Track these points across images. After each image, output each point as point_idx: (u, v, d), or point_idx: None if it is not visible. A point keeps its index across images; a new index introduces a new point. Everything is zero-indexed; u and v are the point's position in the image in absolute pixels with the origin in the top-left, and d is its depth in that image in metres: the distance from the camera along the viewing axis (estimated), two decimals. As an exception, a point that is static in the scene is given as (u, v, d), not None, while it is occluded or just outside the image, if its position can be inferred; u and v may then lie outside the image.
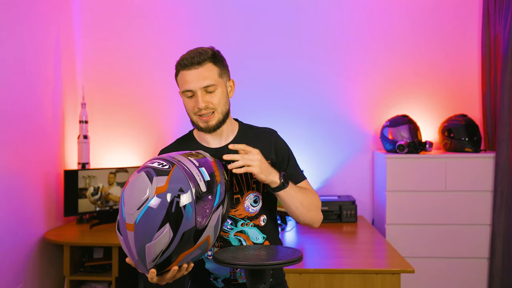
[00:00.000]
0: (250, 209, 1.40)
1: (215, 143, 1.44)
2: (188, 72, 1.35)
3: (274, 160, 1.43)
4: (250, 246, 1.35)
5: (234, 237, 1.40)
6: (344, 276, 2.11)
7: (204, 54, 1.36)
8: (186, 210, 1.08)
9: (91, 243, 2.76)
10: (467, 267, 2.93)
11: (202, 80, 1.34)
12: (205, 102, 1.35)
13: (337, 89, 3.35)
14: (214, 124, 1.37)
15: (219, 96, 1.37)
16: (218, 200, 1.16)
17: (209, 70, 1.35)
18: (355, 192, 3.32)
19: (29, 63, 2.80)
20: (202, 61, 1.35)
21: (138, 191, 1.10)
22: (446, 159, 2.92)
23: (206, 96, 1.35)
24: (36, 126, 2.85)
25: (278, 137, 1.49)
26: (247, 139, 1.44)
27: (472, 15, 3.25)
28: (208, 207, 1.13)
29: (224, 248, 1.36)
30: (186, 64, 1.35)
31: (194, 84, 1.34)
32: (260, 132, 1.49)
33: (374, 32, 3.32)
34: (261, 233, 1.42)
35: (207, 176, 1.16)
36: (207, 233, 1.13)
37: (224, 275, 1.41)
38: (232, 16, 3.38)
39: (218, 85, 1.37)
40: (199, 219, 1.10)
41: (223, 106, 1.38)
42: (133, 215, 1.08)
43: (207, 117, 1.36)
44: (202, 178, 1.15)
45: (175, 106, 3.43)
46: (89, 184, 3.05)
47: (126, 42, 3.43)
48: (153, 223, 1.06)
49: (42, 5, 2.92)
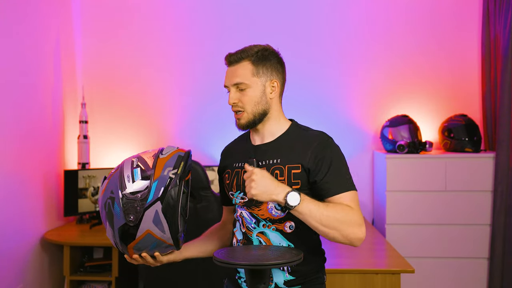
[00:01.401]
0: (274, 212, 1.35)
1: (258, 140, 1.45)
2: (228, 69, 1.40)
3: (306, 166, 1.33)
4: (250, 246, 1.34)
5: (256, 237, 1.37)
6: (344, 276, 2.11)
7: (245, 52, 1.37)
8: (114, 210, 1.26)
9: (91, 243, 2.76)
10: (467, 267, 2.93)
11: (234, 77, 1.36)
12: (233, 99, 1.37)
13: (337, 89, 3.35)
14: (244, 123, 1.38)
15: (250, 96, 1.36)
16: (152, 197, 1.24)
17: (244, 69, 1.36)
18: (355, 192, 3.32)
19: (29, 63, 2.80)
20: (239, 59, 1.37)
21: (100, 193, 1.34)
22: (446, 159, 2.92)
23: (237, 94, 1.37)
24: (36, 126, 2.85)
25: (323, 143, 1.36)
26: (290, 141, 1.39)
27: (472, 15, 3.25)
28: (138, 205, 1.24)
29: (224, 248, 1.36)
30: (226, 61, 1.40)
31: (227, 80, 1.39)
32: (309, 135, 1.41)
33: (374, 32, 3.32)
34: (287, 240, 1.34)
35: (139, 176, 1.27)
36: (145, 227, 1.25)
37: None
38: (232, 16, 3.38)
39: (251, 85, 1.36)
40: (131, 216, 1.24)
41: (254, 106, 1.36)
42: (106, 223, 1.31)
43: (238, 115, 1.39)
44: (131, 179, 1.26)
45: (175, 106, 3.43)
46: (89, 184, 3.05)
47: (126, 42, 3.43)
48: (103, 219, 1.30)
49: (42, 5, 2.92)
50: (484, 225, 2.92)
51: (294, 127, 1.45)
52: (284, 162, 1.35)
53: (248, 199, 1.37)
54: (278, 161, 1.36)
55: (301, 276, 1.36)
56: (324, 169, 1.32)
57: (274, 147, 1.40)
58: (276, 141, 1.41)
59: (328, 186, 1.32)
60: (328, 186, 1.32)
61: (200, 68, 3.39)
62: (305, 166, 1.33)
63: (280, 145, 1.40)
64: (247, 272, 1.23)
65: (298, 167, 1.33)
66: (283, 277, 1.34)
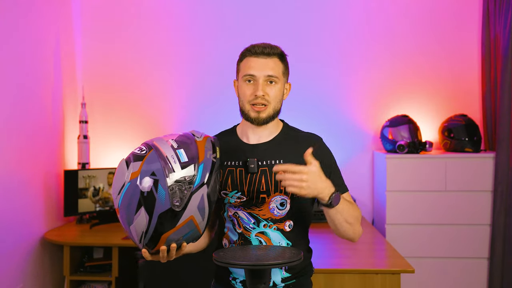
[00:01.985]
0: (276, 212, 1.36)
1: (255, 139, 1.43)
2: (256, 59, 1.37)
3: None
4: (250, 246, 1.34)
5: (255, 237, 1.37)
6: (344, 276, 2.11)
7: (275, 48, 1.39)
8: (158, 193, 1.12)
9: (91, 243, 2.76)
10: (467, 267, 2.93)
11: (269, 69, 1.36)
12: (263, 91, 1.35)
13: (337, 89, 3.35)
14: (265, 117, 1.37)
15: (277, 91, 1.38)
16: (200, 181, 1.16)
17: (276, 64, 1.38)
18: (355, 192, 3.32)
19: (29, 63, 2.80)
20: (272, 53, 1.37)
21: (118, 177, 1.18)
22: (446, 159, 2.92)
23: (266, 87, 1.36)
24: (36, 126, 2.85)
25: (322, 145, 1.44)
26: (289, 141, 1.43)
27: (472, 15, 3.25)
28: (185, 188, 1.14)
29: (224, 248, 1.36)
30: (256, 52, 1.37)
31: (260, 71, 1.36)
32: (304, 135, 1.46)
33: (374, 32, 3.32)
34: (286, 239, 1.38)
35: (184, 157, 1.17)
36: (189, 213, 1.16)
37: (243, 276, 1.38)
38: (232, 17, 3.38)
39: (280, 81, 1.38)
40: (175, 201, 1.13)
41: (277, 103, 1.39)
42: (116, 199, 1.17)
43: (260, 107, 1.36)
44: (177, 160, 1.16)
45: (175, 106, 3.43)
46: (89, 184, 3.05)
47: (126, 42, 3.43)
48: (130, 207, 1.14)
49: (42, 5, 2.92)
50: (484, 225, 2.92)
51: (286, 128, 1.48)
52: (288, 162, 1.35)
53: (247, 198, 1.37)
54: (282, 162, 1.38)
55: (296, 272, 1.40)
56: (327, 170, 1.36)
57: (273, 147, 1.41)
58: (273, 141, 1.42)
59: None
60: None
61: (200, 68, 3.39)
62: None
63: (279, 146, 1.41)
64: (247, 272, 1.23)
65: None
66: (281, 275, 1.37)
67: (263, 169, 1.37)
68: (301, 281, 1.42)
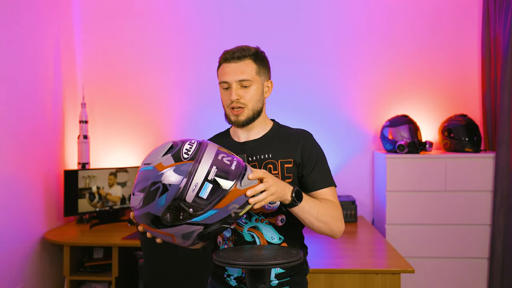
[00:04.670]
0: (266, 206, 1.38)
1: (244, 137, 1.47)
2: (228, 65, 1.40)
3: (298, 161, 1.42)
4: (250, 246, 1.35)
5: (247, 232, 1.39)
6: (344, 276, 2.11)
7: (247, 50, 1.41)
8: (159, 199, 1.12)
9: (91, 243, 2.76)
10: (467, 267, 2.93)
11: (239, 74, 1.38)
12: (237, 95, 1.38)
13: (337, 89, 3.35)
14: (244, 119, 1.41)
15: (253, 93, 1.40)
16: (201, 220, 1.13)
17: (248, 66, 1.40)
18: (355, 192, 3.32)
19: (29, 63, 2.80)
20: (242, 56, 1.40)
21: (154, 154, 1.19)
22: (446, 159, 2.92)
23: (240, 90, 1.39)
24: (36, 126, 2.85)
25: (309, 140, 1.46)
26: (277, 137, 1.46)
27: (472, 15, 3.25)
28: (183, 216, 1.12)
29: (224, 248, 1.36)
30: (227, 58, 1.40)
31: (231, 77, 1.39)
32: (293, 132, 1.49)
33: (374, 32, 3.32)
34: (278, 233, 1.40)
35: (205, 194, 1.12)
36: (172, 232, 1.15)
37: (236, 273, 1.41)
38: (232, 17, 3.38)
39: (254, 82, 1.40)
40: (168, 216, 1.12)
41: (255, 103, 1.41)
42: (141, 168, 1.18)
43: (237, 111, 1.39)
44: (197, 191, 1.11)
45: (175, 106, 3.43)
46: (89, 184, 3.05)
47: (126, 42, 3.43)
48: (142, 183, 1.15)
49: (42, 5, 2.92)
50: (484, 225, 2.92)
51: (277, 126, 1.52)
52: (276, 157, 1.42)
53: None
54: (270, 156, 1.42)
55: (291, 269, 1.42)
56: (311, 164, 1.42)
57: (262, 143, 1.45)
58: (262, 138, 1.46)
59: (315, 180, 1.42)
60: (315, 180, 1.42)
61: (200, 68, 3.39)
62: (296, 161, 1.42)
63: (267, 142, 1.45)
64: (247, 272, 1.23)
65: (290, 161, 1.41)
66: (274, 271, 1.39)
67: (253, 163, 1.41)
68: (295, 280, 1.44)
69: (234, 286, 1.42)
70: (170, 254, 2.16)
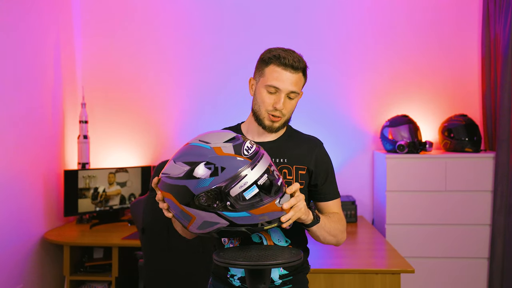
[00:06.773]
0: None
1: (258, 137, 1.45)
2: (285, 72, 1.36)
3: (311, 168, 1.42)
4: (250, 246, 1.34)
5: (255, 233, 1.39)
6: (344, 276, 2.11)
7: (302, 62, 1.41)
8: (202, 181, 1.12)
9: (91, 243, 2.76)
10: (467, 267, 2.93)
11: (293, 86, 1.37)
12: (284, 105, 1.37)
13: (337, 89, 3.35)
14: (278, 126, 1.40)
15: (293, 105, 1.41)
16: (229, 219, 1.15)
17: (300, 80, 1.40)
18: (355, 192, 3.32)
19: (29, 63, 2.80)
20: (300, 68, 1.39)
21: (219, 133, 1.22)
22: (446, 159, 2.92)
23: (286, 101, 1.38)
24: (36, 126, 2.85)
25: (322, 149, 1.47)
26: (291, 142, 1.45)
27: (472, 15, 3.25)
28: (217, 204, 1.13)
29: (224, 248, 1.36)
30: (286, 64, 1.36)
31: (287, 86, 1.36)
32: (305, 138, 1.49)
33: (375, 32, 3.32)
34: (285, 236, 1.41)
35: (250, 195, 1.14)
36: (195, 214, 1.15)
37: (240, 273, 1.41)
38: (233, 17, 3.38)
39: (298, 96, 1.41)
40: (202, 197, 1.12)
41: (290, 113, 1.42)
42: (200, 135, 1.21)
43: (276, 118, 1.38)
44: (242, 196, 1.13)
45: (175, 106, 3.43)
46: (89, 184, 3.05)
47: (126, 42, 3.43)
48: (189, 156, 1.15)
49: (42, 5, 2.92)
50: (484, 225, 2.92)
51: (290, 130, 1.51)
52: (291, 162, 1.41)
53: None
54: (285, 161, 1.41)
55: (293, 269, 1.43)
56: (324, 175, 1.44)
57: (276, 146, 1.44)
58: (277, 142, 1.45)
59: (325, 193, 1.45)
60: (325, 192, 1.45)
61: (200, 69, 3.39)
62: (310, 168, 1.42)
63: (282, 146, 1.44)
64: (247, 272, 1.23)
65: (304, 168, 1.41)
66: (278, 272, 1.40)
67: None
68: (297, 278, 1.45)
69: (238, 286, 1.41)
70: (170, 254, 2.16)
